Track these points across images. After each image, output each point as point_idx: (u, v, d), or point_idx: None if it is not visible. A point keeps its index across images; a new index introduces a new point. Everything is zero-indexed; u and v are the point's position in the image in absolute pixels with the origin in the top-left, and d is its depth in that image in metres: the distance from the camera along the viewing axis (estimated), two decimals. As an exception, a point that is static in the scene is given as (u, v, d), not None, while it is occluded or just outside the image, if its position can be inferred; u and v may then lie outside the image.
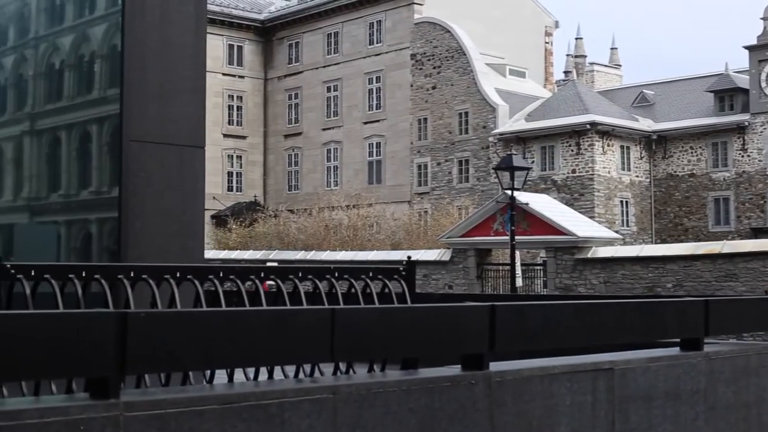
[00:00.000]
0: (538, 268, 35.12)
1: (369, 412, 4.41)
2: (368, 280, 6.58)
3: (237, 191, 66.39)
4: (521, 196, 30.13)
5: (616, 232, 43.05)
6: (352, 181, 59.94)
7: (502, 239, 31.66)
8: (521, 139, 53.19)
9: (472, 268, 33.79)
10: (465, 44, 56.95)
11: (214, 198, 62.99)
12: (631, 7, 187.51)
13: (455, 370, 5.01)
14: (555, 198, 42.96)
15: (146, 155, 7.94)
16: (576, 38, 70.40)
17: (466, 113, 56.31)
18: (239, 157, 67.07)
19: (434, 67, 58.37)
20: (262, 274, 6.04)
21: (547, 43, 67.14)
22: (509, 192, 28.16)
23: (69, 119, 8.91)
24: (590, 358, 5.87)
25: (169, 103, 8.11)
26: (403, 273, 6.84)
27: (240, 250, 44.99)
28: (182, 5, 8.28)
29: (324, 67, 64.85)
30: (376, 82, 61.82)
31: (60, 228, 8.91)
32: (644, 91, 57.48)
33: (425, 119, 58.55)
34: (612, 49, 71.89)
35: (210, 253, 42.93)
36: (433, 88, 58.22)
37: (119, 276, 5.30)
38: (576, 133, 51.18)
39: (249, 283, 6.24)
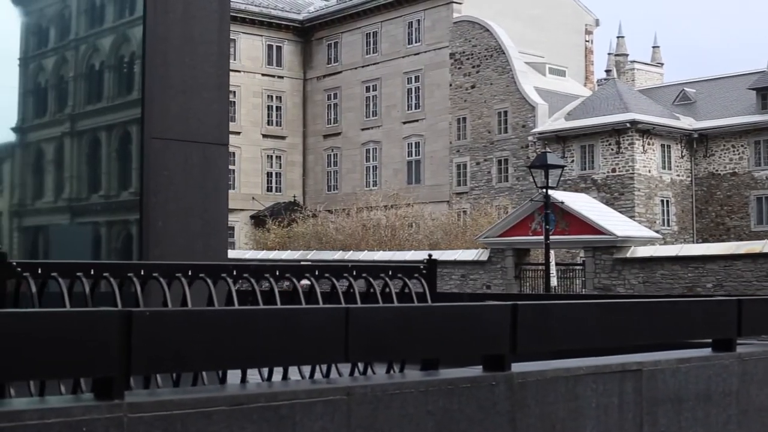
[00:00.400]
0: (578, 268, 34.86)
1: (384, 413, 4.30)
2: (387, 279, 6.46)
3: (276, 191, 66.52)
4: (557, 195, 29.93)
5: (657, 231, 42.72)
6: (390, 181, 59.85)
7: (539, 239, 31.44)
8: (561, 138, 52.85)
9: (510, 268, 33.63)
10: (504, 43, 56.70)
11: (253, 198, 63.23)
12: (674, 5, 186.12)
13: (476, 371, 4.87)
14: (595, 197, 42.67)
15: (168, 153, 7.87)
16: (617, 36, 69.89)
17: (506, 112, 56.06)
18: (278, 158, 67.21)
19: (473, 66, 58.16)
20: (277, 273, 5.95)
21: (587, 41, 66.71)
22: (545, 190, 27.98)
23: (109, 120, 8.91)
24: (617, 359, 5.70)
25: (191, 100, 8.03)
26: (424, 272, 6.70)
27: (278, 250, 45.02)
28: (206, 1, 8.21)
29: (363, 67, 64.85)
30: (415, 82, 61.73)
31: (100, 229, 8.90)
32: (685, 89, 56.92)
33: (464, 119, 58.36)
34: (654, 47, 71.29)
35: (248, 254, 43.10)
36: (472, 87, 58.01)
37: (128, 274, 5.23)
38: (616, 132, 50.78)
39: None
